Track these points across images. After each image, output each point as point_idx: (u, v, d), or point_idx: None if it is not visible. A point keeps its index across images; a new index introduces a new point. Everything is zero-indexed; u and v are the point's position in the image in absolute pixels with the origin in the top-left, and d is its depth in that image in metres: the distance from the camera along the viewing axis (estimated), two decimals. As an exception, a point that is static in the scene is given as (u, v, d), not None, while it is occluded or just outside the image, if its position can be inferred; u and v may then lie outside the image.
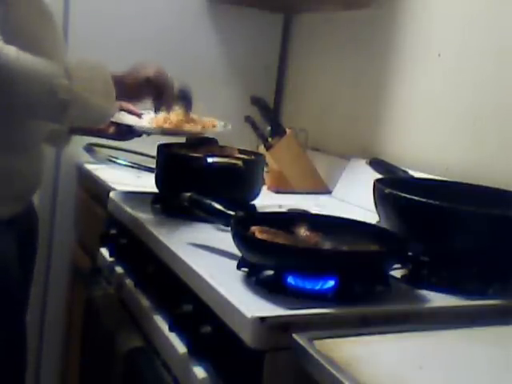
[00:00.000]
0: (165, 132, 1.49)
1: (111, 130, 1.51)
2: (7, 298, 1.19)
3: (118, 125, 1.49)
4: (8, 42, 1.01)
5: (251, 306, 0.86)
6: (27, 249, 1.32)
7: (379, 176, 1.28)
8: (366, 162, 1.45)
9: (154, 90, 1.26)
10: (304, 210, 1.43)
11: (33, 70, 1.04)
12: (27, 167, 1.22)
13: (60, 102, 1.06)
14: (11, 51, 1.00)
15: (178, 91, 1.36)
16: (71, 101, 1.07)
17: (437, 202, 1.00)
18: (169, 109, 1.36)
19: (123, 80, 1.21)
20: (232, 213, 1.08)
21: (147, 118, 1.50)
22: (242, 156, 1.45)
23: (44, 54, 1.07)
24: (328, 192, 1.80)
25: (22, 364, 1.27)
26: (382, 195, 1.09)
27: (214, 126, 1.52)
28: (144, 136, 1.55)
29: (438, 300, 0.96)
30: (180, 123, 1.48)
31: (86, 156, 1.88)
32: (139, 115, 1.50)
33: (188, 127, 1.48)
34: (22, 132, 1.18)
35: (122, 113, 1.49)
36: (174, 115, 1.48)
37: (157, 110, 1.34)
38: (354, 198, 1.65)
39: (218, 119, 1.54)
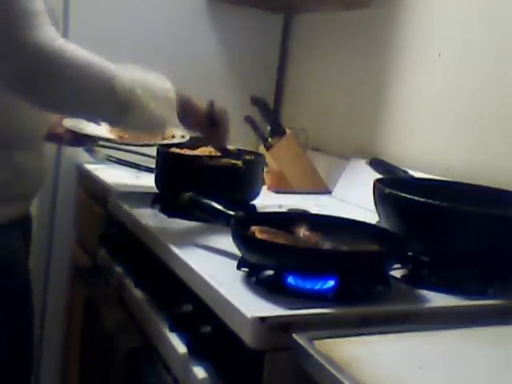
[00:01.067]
0: (122, 142, 1.49)
1: (68, 136, 1.48)
2: (18, 297, 1.20)
3: (74, 132, 1.45)
4: None
5: (251, 306, 0.86)
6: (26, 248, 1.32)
7: (379, 176, 1.28)
8: (366, 162, 1.45)
9: (212, 122, 1.26)
10: (304, 210, 1.43)
11: (96, 69, 1.03)
12: (35, 166, 1.22)
13: (120, 104, 1.05)
14: (72, 47, 1.01)
15: None
16: (132, 104, 1.06)
17: (437, 202, 1.00)
18: (220, 146, 1.34)
19: (183, 96, 1.19)
20: (232, 213, 1.08)
21: (104, 125, 1.49)
22: (242, 156, 1.45)
23: None
24: (328, 192, 1.80)
25: (29, 363, 1.28)
26: (382, 195, 1.09)
27: (173, 137, 1.50)
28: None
29: (438, 300, 0.96)
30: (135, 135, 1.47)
31: (85, 156, 1.88)
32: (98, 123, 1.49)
33: (146, 138, 1.47)
34: (30, 131, 1.19)
35: (80, 120, 1.44)
36: None
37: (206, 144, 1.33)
38: (354, 197, 1.65)
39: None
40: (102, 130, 1.49)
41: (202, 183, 1.28)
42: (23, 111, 1.13)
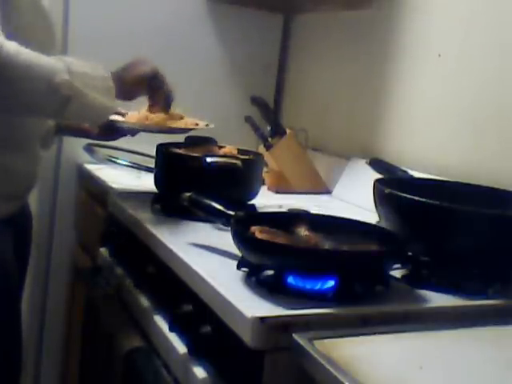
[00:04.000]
0: (149, 129, 1.48)
1: (96, 129, 1.47)
2: (6, 299, 1.19)
3: (103, 124, 1.46)
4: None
5: (251, 306, 0.86)
6: (22, 249, 1.31)
7: (379, 176, 1.28)
8: (366, 162, 1.45)
9: (150, 88, 1.27)
10: (304, 210, 1.43)
11: (34, 66, 1.02)
12: (23, 166, 1.21)
13: (61, 98, 1.05)
14: (12, 47, 0.99)
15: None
16: (72, 96, 1.06)
17: (437, 202, 1.00)
18: (165, 108, 1.35)
19: (121, 78, 1.20)
20: (232, 213, 1.08)
21: (128, 117, 1.49)
22: (241, 156, 1.45)
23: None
24: (328, 192, 1.80)
25: (18, 366, 1.27)
26: (382, 195, 1.09)
27: (196, 125, 1.51)
28: (137, 135, 1.53)
29: (438, 300, 0.96)
30: (162, 120, 1.47)
31: (85, 156, 1.88)
32: (123, 115, 1.49)
33: (171, 123, 1.47)
34: (18, 131, 1.18)
35: None
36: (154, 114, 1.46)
37: (151, 108, 1.34)
38: (353, 197, 1.65)
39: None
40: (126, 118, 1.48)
41: (201, 183, 1.28)
42: (8, 114, 1.13)
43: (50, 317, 2.00)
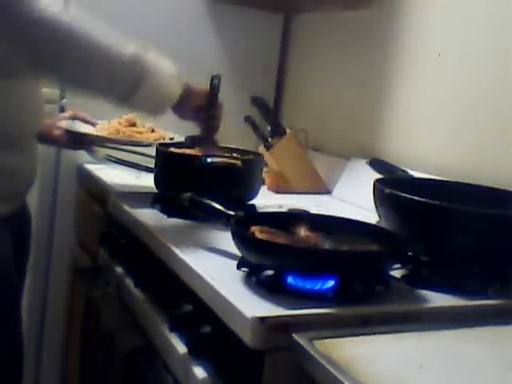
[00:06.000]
0: (117, 142, 1.51)
1: (64, 138, 1.49)
2: (6, 299, 1.19)
3: (72, 133, 1.48)
4: None
5: (251, 306, 0.86)
6: (20, 248, 1.31)
7: (379, 176, 1.29)
8: (366, 162, 1.45)
9: (208, 110, 1.29)
10: (304, 210, 1.43)
11: (112, 40, 1.11)
12: (21, 164, 1.21)
13: (135, 74, 1.08)
14: (81, 22, 1.08)
15: None
16: (145, 75, 1.09)
17: (437, 202, 1.00)
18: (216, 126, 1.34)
19: (189, 84, 1.22)
20: (232, 213, 1.08)
21: (99, 127, 1.51)
22: (241, 156, 1.45)
23: None
24: (328, 192, 1.80)
25: (20, 367, 1.27)
26: (382, 195, 1.09)
27: (163, 139, 1.55)
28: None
29: (438, 300, 0.96)
30: (132, 134, 1.49)
31: (85, 156, 1.88)
32: (93, 124, 1.49)
33: (140, 137, 1.49)
34: (16, 129, 1.18)
35: (76, 121, 1.50)
36: (123, 127, 1.49)
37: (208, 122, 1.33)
38: (353, 198, 1.65)
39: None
40: (97, 130, 1.51)
41: (202, 183, 1.28)
42: (8, 111, 1.13)
43: (50, 316, 2.00)
